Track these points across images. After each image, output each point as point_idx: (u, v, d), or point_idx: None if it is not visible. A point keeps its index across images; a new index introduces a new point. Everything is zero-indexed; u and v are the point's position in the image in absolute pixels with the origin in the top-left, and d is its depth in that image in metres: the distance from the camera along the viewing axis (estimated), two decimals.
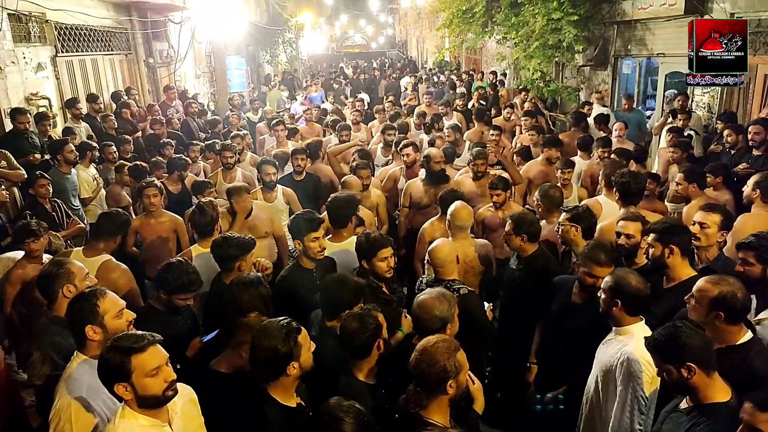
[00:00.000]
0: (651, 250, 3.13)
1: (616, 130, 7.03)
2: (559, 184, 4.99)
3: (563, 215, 3.79)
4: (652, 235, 3.13)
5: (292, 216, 3.98)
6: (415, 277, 4.68)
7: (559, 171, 5.39)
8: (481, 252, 4.08)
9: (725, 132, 5.96)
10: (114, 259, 3.87)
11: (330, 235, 4.11)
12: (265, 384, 2.37)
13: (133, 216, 5.51)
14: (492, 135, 6.99)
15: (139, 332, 2.14)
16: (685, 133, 6.77)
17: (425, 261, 4.03)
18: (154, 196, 4.74)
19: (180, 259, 3.34)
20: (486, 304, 3.53)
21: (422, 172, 5.45)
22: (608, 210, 4.44)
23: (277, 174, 5.51)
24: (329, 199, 4.27)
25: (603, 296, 2.78)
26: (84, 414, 2.29)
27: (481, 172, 5.39)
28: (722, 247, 3.58)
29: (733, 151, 5.81)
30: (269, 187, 5.32)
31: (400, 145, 6.02)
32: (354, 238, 4.12)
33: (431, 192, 5.20)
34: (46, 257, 4.03)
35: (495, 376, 4.03)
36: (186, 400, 2.36)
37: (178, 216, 4.96)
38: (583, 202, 4.48)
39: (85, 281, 3.01)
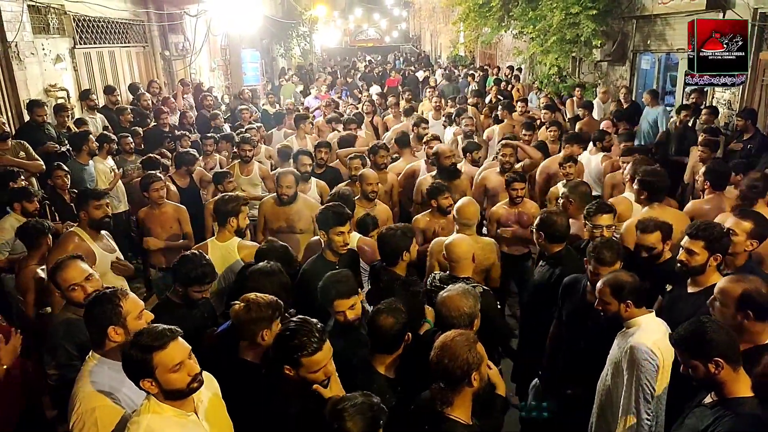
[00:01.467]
0: (696, 258, 2.96)
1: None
2: (564, 180, 4.94)
3: (606, 216, 3.66)
4: (700, 243, 2.94)
5: (322, 207, 3.94)
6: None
7: (561, 166, 5.21)
8: (486, 250, 3.93)
9: None
10: (76, 230, 4.04)
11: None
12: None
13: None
14: (525, 135, 6.85)
15: (160, 327, 2.09)
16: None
17: (430, 255, 4.00)
18: (161, 189, 4.83)
19: (194, 251, 3.34)
20: None
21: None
22: (638, 208, 4.32)
23: (311, 165, 5.49)
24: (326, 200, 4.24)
25: (608, 304, 2.78)
26: (110, 416, 2.27)
27: (510, 165, 5.36)
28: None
29: None
30: (303, 178, 5.29)
31: (425, 138, 5.95)
32: (356, 234, 4.09)
33: None
34: None
35: (518, 382, 3.99)
36: (210, 389, 2.34)
37: (181, 206, 5.04)
38: (610, 201, 4.41)
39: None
